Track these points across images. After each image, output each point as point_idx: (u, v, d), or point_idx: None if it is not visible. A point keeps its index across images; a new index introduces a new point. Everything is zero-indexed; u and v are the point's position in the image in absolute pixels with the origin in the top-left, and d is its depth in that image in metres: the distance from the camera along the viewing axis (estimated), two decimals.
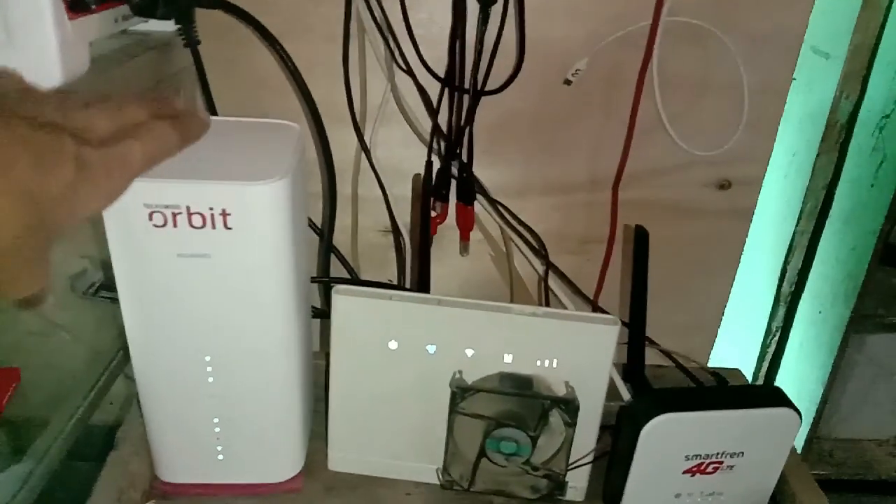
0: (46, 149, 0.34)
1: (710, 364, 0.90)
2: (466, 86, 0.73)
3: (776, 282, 1.10)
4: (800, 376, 1.15)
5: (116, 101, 0.40)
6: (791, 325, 1.13)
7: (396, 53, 0.72)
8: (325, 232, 0.77)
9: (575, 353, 0.58)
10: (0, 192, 0.31)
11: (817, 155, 1.01)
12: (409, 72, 0.73)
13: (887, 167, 1.03)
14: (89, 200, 0.36)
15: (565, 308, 0.77)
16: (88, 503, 0.55)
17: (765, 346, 1.15)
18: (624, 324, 0.58)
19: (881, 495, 1.15)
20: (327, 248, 0.78)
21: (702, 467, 0.56)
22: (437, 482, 0.62)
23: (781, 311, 1.12)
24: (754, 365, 1.16)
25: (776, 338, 1.14)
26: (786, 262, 1.08)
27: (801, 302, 1.11)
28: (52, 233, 0.34)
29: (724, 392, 0.64)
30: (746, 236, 0.85)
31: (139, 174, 0.43)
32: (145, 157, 0.41)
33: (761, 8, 0.73)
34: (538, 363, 0.58)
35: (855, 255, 1.06)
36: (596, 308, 0.83)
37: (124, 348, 0.65)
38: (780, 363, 1.15)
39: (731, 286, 0.87)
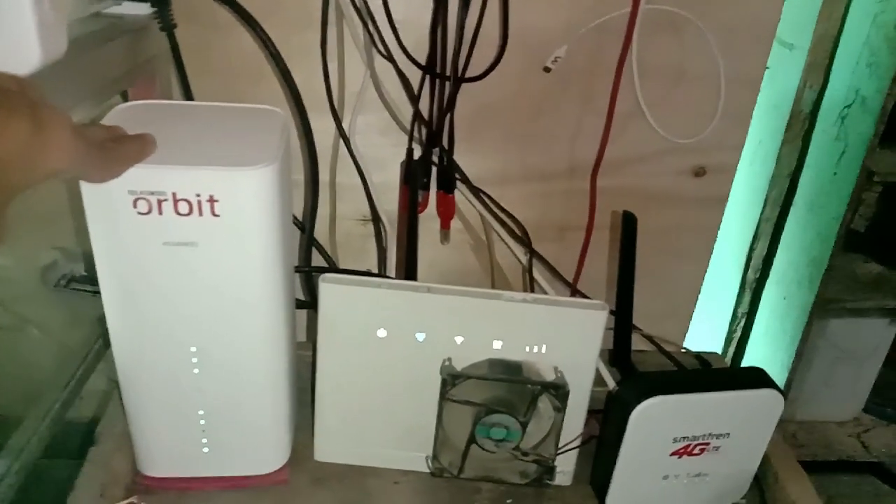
0: None
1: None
2: (447, 72, 0.72)
3: (742, 268, 1.12)
4: (765, 361, 1.18)
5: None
6: (756, 311, 1.15)
7: (376, 38, 0.71)
8: (306, 221, 0.76)
9: (564, 339, 0.58)
10: None
11: (782, 144, 1.03)
12: (389, 58, 0.72)
13: (849, 156, 1.06)
14: (49, 159, 0.35)
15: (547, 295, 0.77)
16: (70, 499, 0.53)
17: (731, 332, 1.17)
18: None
19: (842, 474, 1.18)
20: (309, 237, 0.76)
21: (689, 449, 0.57)
22: (426, 470, 0.62)
23: (747, 297, 1.14)
24: (721, 350, 1.18)
25: (742, 323, 1.17)
26: (751, 249, 1.10)
27: (766, 288, 1.13)
28: (6, 192, 0.33)
29: (708, 375, 0.65)
30: (720, 223, 0.86)
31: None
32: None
33: None
34: (527, 349, 0.58)
35: (818, 242, 1.08)
36: (575, 294, 0.84)
37: (104, 341, 0.63)
38: (745, 348, 1.18)
39: (705, 272, 0.89)
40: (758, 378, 0.58)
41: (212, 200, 0.47)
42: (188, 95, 0.68)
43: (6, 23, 0.44)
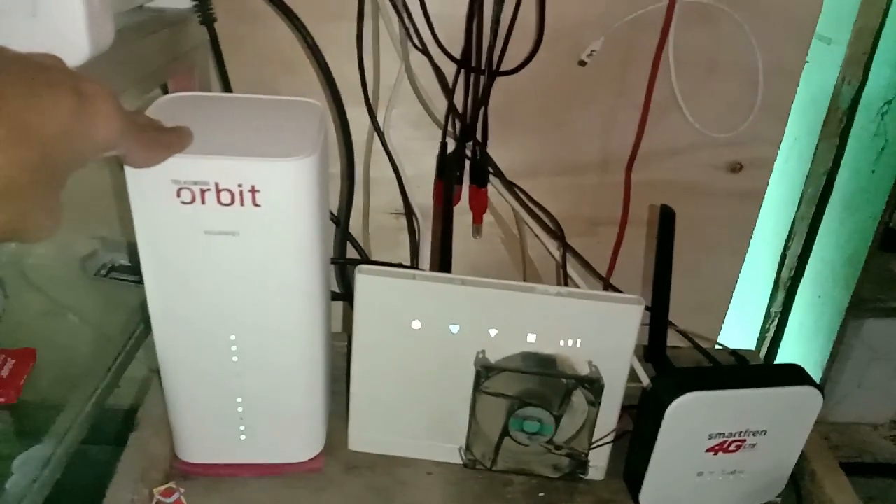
0: (40, 80, 0.32)
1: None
2: (482, 66, 0.72)
3: (776, 266, 1.11)
4: (798, 360, 1.16)
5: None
6: (790, 310, 1.14)
7: (411, 32, 0.72)
8: (341, 214, 0.77)
9: (598, 333, 0.58)
10: None
11: (818, 140, 1.02)
12: (425, 51, 0.73)
13: (888, 153, 1.04)
14: (97, 132, 0.34)
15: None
16: (111, 484, 0.55)
17: (764, 331, 1.16)
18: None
19: (877, 477, 1.16)
20: (344, 229, 0.77)
21: (724, 446, 0.57)
22: (458, 461, 0.62)
23: (781, 296, 1.13)
24: (753, 348, 1.17)
25: (775, 322, 1.15)
26: (786, 248, 1.09)
27: (801, 286, 1.11)
28: (59, 170, 0.33)
29: (745, 371, 0.64)
30: (757, 219, 0.85)
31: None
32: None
33: None
34: (561, 343, 0.58)
35: (855, 240, 1.07)
36: (609, 289, 0.83)
37: (144, 328, 0.64)
38: (779, 347, 1.16)
39: (741, 268, 0.88)
40: (796, 375, 0.57)
41: (253, 191, 0.47)
42: (227, 87, 0.69)
43: (56, 14, 0.45)
